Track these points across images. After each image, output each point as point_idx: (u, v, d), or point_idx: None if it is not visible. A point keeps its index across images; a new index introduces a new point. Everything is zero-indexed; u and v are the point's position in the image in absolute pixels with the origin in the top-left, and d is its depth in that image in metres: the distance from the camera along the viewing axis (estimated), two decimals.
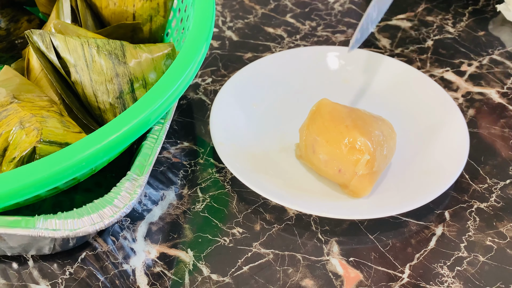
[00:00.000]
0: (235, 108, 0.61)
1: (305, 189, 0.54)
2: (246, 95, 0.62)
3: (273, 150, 0.58)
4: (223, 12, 0.78)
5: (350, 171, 0.51)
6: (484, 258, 0.49)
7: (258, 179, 0.53)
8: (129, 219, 0.52)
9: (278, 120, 0.61)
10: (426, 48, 0.72)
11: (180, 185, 0.55)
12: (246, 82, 0.63)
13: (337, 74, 0.66)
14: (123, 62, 0.49)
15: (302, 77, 0.66)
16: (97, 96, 0.49)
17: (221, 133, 0.57)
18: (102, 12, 0.58)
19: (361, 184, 0.51)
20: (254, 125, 0.60)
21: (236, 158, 0.54)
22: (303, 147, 0.54)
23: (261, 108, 0.62)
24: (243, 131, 0.59)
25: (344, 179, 0.51)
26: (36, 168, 0.38)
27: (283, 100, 0.64)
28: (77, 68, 0.48)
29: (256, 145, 0.58)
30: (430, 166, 0.55)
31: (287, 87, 0.65)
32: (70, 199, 0.53)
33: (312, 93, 0.64)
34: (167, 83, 0.45)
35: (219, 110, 0.59)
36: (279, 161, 0.57)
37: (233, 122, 0.59)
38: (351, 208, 0.51)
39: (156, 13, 0.58)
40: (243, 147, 0.57)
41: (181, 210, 0.53)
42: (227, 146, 0.55)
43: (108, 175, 0.54)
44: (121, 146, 0.42)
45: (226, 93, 0.61)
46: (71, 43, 0.48)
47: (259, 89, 0.64)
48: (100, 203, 0.41)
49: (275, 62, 0.66)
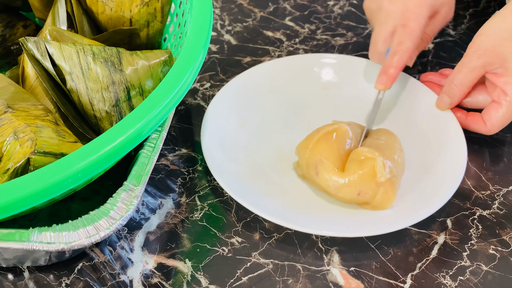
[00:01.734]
0: (225, 128, 0.58)
1: (308, 206, 0.52)
2: (234, 113, 0.60)
3: (268, 167, 0.56)
4: (221, 15, 0.77)
5: (372, 187, 0.49)
6: (487, 267, 0.48)
7: (257, 200, 0.50)
8: (127, 228, 0.51)
9: (271, 136, 0.59)
10: (427, 52, 0.71)
11: (178, 193, 0.54)
12: (231, 100, 0.60)
13: (334, 83, 0.65)
14: (119, 69, 0.48)
15: (293, 87, 0.64)
16: (93, 104, 0.48)
17: (215, 152, 0.54)
18: (99, 17, 0.57)
19: (386, 195, 0.49)
20: (245, 142, 0.58)
21: (233, 180, 0.52)
22: (304, 166, 0.52)
23: (251, 126, 0.60)
24: (235, 151, 0.56)
25: (366, 198, 0.50)
26: (30, 180, 0.38)
27: (274, 114, 0.61)
28: (72, 76, 0.47)
29: (250, 163, 0.56)
30: (428, 177, 0.53)
31: (279, 99, 0.63)
32: (66, 208, 0.52)
33: (305, 102, 0.62)
34: (164, 91, 0.44)
35: (209, 131, 0.56)
36: (277, 178, 0.55)
37: (225, 142, 0.56)
38: (357, 225, 0.49)
39: (153, 18, 0.57)
40: (237, 166, 0.55)
41: (179, 219, 0.52)
42: (223, 168, 0.53)
43: (105, 183, 0.54)
44: (118, 156, 0.41)
45: (213, 113, 0.58)
46: (66, 50, 0.47)
47: (247, 106, 0.61)
48: (96, 214, 0.40)
49: (265, 72, 0.64)
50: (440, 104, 0.58)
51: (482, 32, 0.55)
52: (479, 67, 0.54)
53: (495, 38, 0.54)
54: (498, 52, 0.53)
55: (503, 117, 0.54)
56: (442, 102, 0.58)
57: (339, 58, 0.65)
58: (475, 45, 0.55)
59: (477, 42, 0.55)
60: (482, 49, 0.54)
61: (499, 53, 0.53)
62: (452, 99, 0.57)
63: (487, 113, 0.55)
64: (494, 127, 0.55)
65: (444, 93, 0.58)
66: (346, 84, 0.64)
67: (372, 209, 0.51)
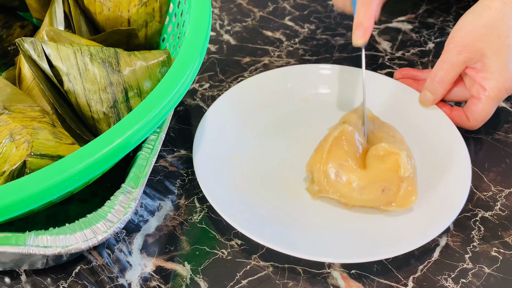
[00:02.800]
0: (216, 160, 0.55)
1: (323, 229, 0.50)
2: (222, 146, 0.56)
3: (271, 193, 0.53)
4: (220, 15, 0.77)
5: (395, 183, 0.48)
6: (489, 270, 0.48)
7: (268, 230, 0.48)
8: (125, 231, 0.51)
9: (267, 164, 0.56)
10: (428, 51, 0.71)
11: (177, 195, 0.54)
12: (216, 134, 0.57)
13: (311, 95, 0.63)
14: (117, 70, 0.47)
15: (272, 106, 0.61)
16: (91, 105, 0.47)
17: (210, 185, 0.51)
18: (97, 17, 0.56)
19: (409, 190, 0.48)
20: (240, 175, 0.54)
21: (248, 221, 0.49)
22: (322, 180, 0.50)
23: (243, 156, 0.56)
24: (235, 187, 0.53)
25: (389, 196, 0.49)
26: (27, 183, 0.37)
27: (263, 138, 0.59)
28: (69, 76, 0.47)
29: (252, 193, 0.53)
30: (431, 192, 0.52)
31: (262, 121, 0.60)
32: (64, 210, 0.51)
33: (288, 120, 0.60)
34: (162, 92, 0.43)
35: (200, 163, 0.53)
36: (284, 205, 0.52)
37: (220, 176, 0.53)
38: (368, 248, 0.47)
39: (151, 19, 0.57)
40: (238, 197, 0.52)
41: (178, 221, 0.51)
42: (220, 198, 0.50)
43: (103, 185, 0.53)
44: (115, 159, 0.41)
45: (201, 143, 0.55)
46: (63, 51, 0.47)
47: (233, 135, 0.58)
48: (93, 217, 0.40)
49: (257, 86, 0.62)
50: (423, 100, 0.59)
51: (460, 28, 0.56)
52: (460, 63, 0.55)
53: (473, 33, 0.54)
54: (477, 48, 0.54)
55: (483, 112, 0.55)
56: (425, 99, 0.58)
57: (311, 68, 0.64)
58: (454, 41, 0.55)
59: (456, 38, 0.55)
60: (462, 45, 0.55)
61: (478, 48, 0.54)
62: (435, 95, 0.58)
63: (468, 110, 0.56)
64: (477, 122, 0.56)
65: (426, 89, 0.58)
66: (323, 94, 0.63)
67: (395, 208, 0.49)
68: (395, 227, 0.49)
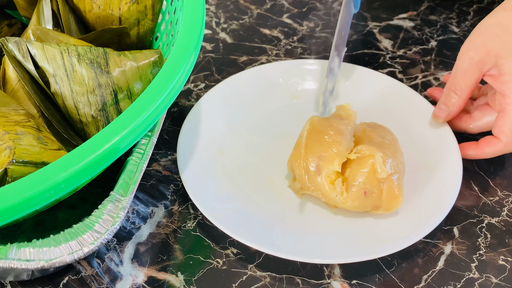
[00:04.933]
0: (201, 156, 0.53)
1: (312, 229, 0.48)
2: (208, 139, 0.55)
3: (257, 194, 0.52)
4: (216, 12, 0.74)
5: (375, 185, 0.47)
6: (497, 280, 0.45)
7: (254, 233, 0.47)
8: (116, 239, 0.48)
9: (254, 160, 0.55)
10: (430, 49, 0.69)
11: (170, 201, 0.51)
12: (203, 125, 0.56)
13: (301, 90, 0.62)
14: (106, 71, 0.45)
15: (262, 102, 0.60)
16: (79, 108, 0.45)
17: (200, 188, 0.50)
18: (86, 16, 0.54)
19: (391, 192, 0.47)
20: (228, 170, 0.53)
21: (228, 216, 0.48)
22: (303, 176, 0.49)
23: (230, 151, 0.55)
24: (220, 183, 0.52)
25: (373, 199, 0.47)
26: (8, 193, 0.35)
27: (250, 134, 0.57)
28: (56, 78, 0.45)
29: (240, 194, 0.51)
30: (427, 182, 0.51)
31: (251, 116, 0.59)
32: (52, 217, 0.49)
33: (276, 116, 0.59)
34: (153, 94, 0.41)
35: (186, 163, 0.52)
36: (269, 204, 0.51)
37: (206, 174, 0.52)
38: (366, 246, 0.46)
39: (143, 17, 0.54)
40: (228, 200, 0.50)
41: (171, 229, 0.49)
42: (213, 205, 0.49)
43: (94, 190, 0.51)
44: (103, 165, 0.39)
45: (186, 140, 0.54)
46: (49, 51, 0.44)
47: (221, 129, 0.57)
48: (80, 228, 0.38)
49: (246, 81, 0.61)
50: (437, 114, 0.54)
51: (473, 32, 0.52)
52: (473, 68, 0.50)
53: (485, 34, 0.50)
54: (489, 49, 0.49)
55: (511, 123, 0.49)
56: (439, 113, 0.54)
57: (302, 63, 0.63)
58: (465, 45, 0.51)
59: (467, 42, 0.51)
60: (472, 48, 0.50)
61: (489, 49, 0.49)
62: (450, 108, 0.53)
63: (496, 127, 0.51)
64: (508, 137, 0.50)
65: (441, 102, 0.53)
66: (315, 90, 0.62)
67: (383, 211, 0.48)
68: (382, 227, 0.48)
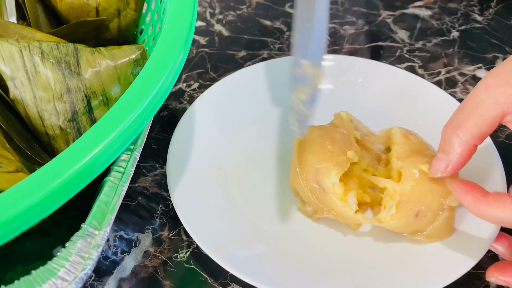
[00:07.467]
0: (196, 172, 0.46)
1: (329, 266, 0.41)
2: (204, 151, 0.48)
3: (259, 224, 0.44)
4: (211, 2, 0.68)
5: (433, 209, 0.39)
6: None
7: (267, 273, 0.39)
8: (94, 274, 0.41)
9: (254, 180, 0.47)
10: (452, 41, 0.61)
11: (159, 225, 0.44)
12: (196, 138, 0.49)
13: None
14: (76, 72, 0.37)
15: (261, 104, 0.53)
16: (44, 118, 0.37)
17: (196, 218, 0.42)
18: (57, 6, 0.47)
19: (448, 224, 0.40)
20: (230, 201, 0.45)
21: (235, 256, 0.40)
22: (310, 196, 0.42)
23: (229, 168, 0.48)
24: (219, 209, 0.44)
25: (421, 224, 0.40)
26: None
27: (248, 147, 0.50)
28: (15, 82, 0.37)
29: None
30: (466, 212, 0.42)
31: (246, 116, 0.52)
32: (19, 248, 0.42)
33: None
34: (135, 99, 0.34)
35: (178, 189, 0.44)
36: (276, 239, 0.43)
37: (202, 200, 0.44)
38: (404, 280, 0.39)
39: (125, 6, 0.48)
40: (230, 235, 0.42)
41: (160, 260, 0.41)
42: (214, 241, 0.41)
43: (70, 213, 0.43)
44: (73, 191, 0.31)
45: (178, 153, 0.47)
46: (5, 48, 0.36)
47: (218, 143, 0.49)
48: (39, 275, 0.30)
49: (244, 81, 0.53)
50: (432, 166, 0.39)
51: (502, 63, 0.38)
52: (490, 104, 0.37)
53: (508, 66, 0.37)
54: None
55: None
56: (435, 162, 0.39)
57: None
58: (482, 79, 0.38)
59: (486, 76, 0.38)
60: (492, 77, 0.37)
61: None
62: (448, 156, 0.38)
63: None
64: None
65: (439, 149, 0.39)
66: (325, 89, 0.54)
67: (424, 239, 0.41)
68: (421, 257, 0.40)
